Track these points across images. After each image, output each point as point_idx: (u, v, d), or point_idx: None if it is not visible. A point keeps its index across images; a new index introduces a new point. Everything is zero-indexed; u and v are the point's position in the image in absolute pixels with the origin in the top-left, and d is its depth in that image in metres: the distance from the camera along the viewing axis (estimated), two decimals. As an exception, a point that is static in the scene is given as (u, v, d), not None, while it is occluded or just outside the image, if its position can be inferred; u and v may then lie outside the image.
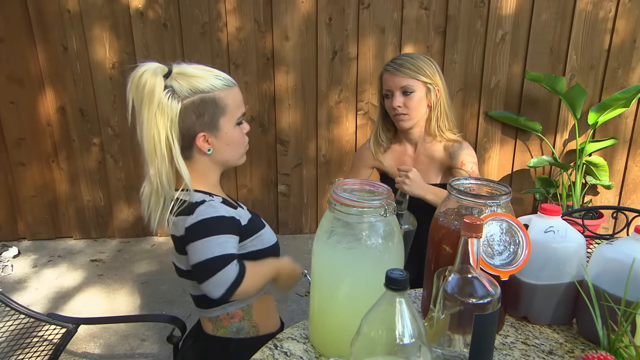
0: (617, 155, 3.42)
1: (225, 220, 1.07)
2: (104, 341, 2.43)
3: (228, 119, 1.10)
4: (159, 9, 3.10)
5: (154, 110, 1.03)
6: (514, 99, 3.35)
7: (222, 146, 1.12)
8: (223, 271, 1.04)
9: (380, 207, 0.90)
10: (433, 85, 1.56)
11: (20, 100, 3.19)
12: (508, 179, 3.51)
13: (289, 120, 3.38)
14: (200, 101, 1.06)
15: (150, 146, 1.06)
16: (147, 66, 1.05)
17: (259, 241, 1.16)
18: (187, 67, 1.08)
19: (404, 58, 1.56)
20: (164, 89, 1.04)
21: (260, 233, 1.17)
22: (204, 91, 1.06)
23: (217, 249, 1.04)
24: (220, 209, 1.08)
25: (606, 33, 3.19)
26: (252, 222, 1.17)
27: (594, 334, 0.94)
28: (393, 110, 1.57)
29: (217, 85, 1.07)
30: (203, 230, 1.05)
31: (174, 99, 1.04)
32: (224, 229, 1.06)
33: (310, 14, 3.16)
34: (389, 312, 0.69)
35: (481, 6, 3.16)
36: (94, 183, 3.42)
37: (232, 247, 1.07)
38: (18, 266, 3.16)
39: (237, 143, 1.14)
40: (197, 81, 1.06)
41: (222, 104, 1.08)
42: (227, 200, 1.15)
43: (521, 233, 0.97)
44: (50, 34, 3.09)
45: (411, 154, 1.67)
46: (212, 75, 1.08)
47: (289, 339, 1.04)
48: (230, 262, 1.05)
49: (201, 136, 1.09)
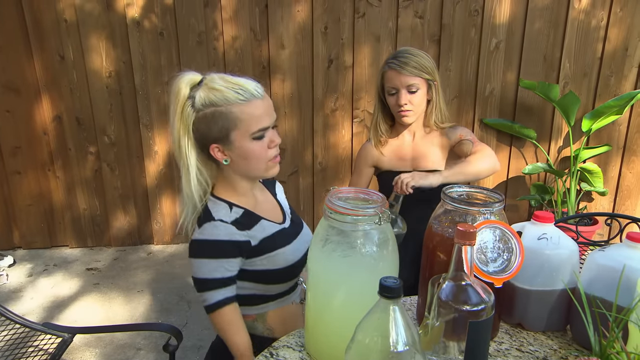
0: (611, 162, 3.44)
1: (221, 245, 1.10)
2: (100, 350, 2.42)
3: (241, 133, 1.10)
4: (155, 18, 3.12)
5: (178, 116, 1.10)
6: (509, 106, 3.37)
7: (238, 159, 1.13)
8: (208, 293, 1.12)
9: (375, 215, 0.91)
10: (433, 81, 1.62)
11: (16, 109, 3.20)
12: (503, 185, 3.53)
13: (285, 128, 3.39)
14: (212, 114, 1.08)
15: (175, 149, 1.14)
16: (184, 75, 1.11)
17: (270, 261, 1.17)
18: (215, 79, 1.10)
19: (407, 56, 1.60)
20: (187, 98, 1.09)
21: (275, 253, 1.17)
22: (217, 104, 1.08)
23: (206, 272, 1.11)
24: (222, 232, 1.10)
25: (599, 41, 3.22)
26: (271, 240, 1.17)
27: (587, 341, 0.94)
28: (398, 107, 1.62)
29: (231, 99, 1.08)
30: (199, 250, 1.11)
31: (191, 109, 1.09)
32: (218, 253, 1.10)
33: (306, 22, 3.19)
34: (383, 319, 0.69)
35: (475, 15, 3.19)
36: (90, 191, 3.42)
37: (223, 270, 1.11)
38: (13, 275, 3.14)
39: (254, 157, 1.13)
40: (213, 94, 1.08)
41: (233, 117, 1.09)
42: (243, 218, 1.15)
43: (514, 240, 0.98)
44: (47, 43, 3.10)
45: (409, 144, 1.70)
46: (232, 89, 1.08)
47: (284, 347, 1.04)
48: (215, 286, 1.11)
49: (214, 147, 1.12)
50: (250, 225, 1.15)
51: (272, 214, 1.25)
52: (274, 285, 1.22)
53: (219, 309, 1.12)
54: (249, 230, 1.14)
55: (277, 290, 1.24)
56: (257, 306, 1.24)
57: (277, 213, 1.28)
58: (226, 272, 1.11)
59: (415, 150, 1.69)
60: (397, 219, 1.41)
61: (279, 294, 1.25)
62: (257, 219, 1.18)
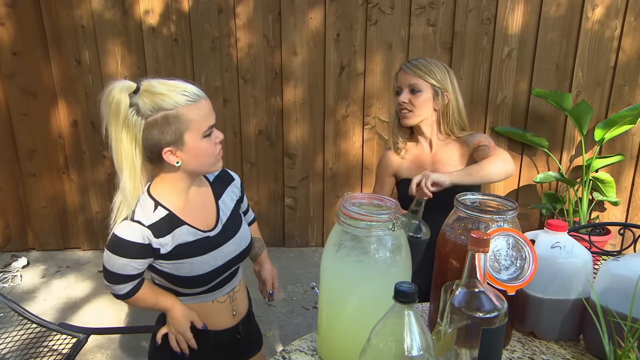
0: (624, 171, 3.42)
1: (132, 247, 1.13)
2: (111, 352, 2.44)
3: (193, 133, 1.12)
4: (170, 25, 3.17)
5: (120, 126, 1.09)
6: (520, 114, 3.36)
7: (190, 159, 1.15)
8: (117, 286, 1.19)
9: (389, 221, 0.91)
10: (442, 90, 1.61)
11: (33, 113, 3.25)
12: (514, 194, 3.51)
13: (297, 134, 3.41)
14: (163, 118, 1.09)
15: (118, 160, 1.12)
16: (116, 84, 1.09)
17: (176, 267, 1.19)
18: (154, 85, 1.10)
19: (420, 60, 1.63)
20: (129, 107, 1.08)
21: (183, 262, 1.18)
22: (167, 109, 1.09)
23: (116, 267, 1.16)
24: (136, 234, 1.13)
25: (612, 51, 3.21)
26: (185, 248, 1.18)
27: (600, 350, 0.94)
28: (399, 105, 1.63)
29: (181, 102, 1.09)
30: (112, 245, 1.14)
31: (138, 117, 1.08)
32: (129, 253, 1.14)
33: (319, 30, 3.22)
34: (398, 324, 0.70)
35: (487, 23, 3.20)
36: (103, 195, 3.46)
37: (131, 268, 1.16)
38: (27, 276, 3.18)
39: (205, 154, 1.16)
40: (160, 99, 1.08)
41: (185, 119, 1.10)
42: (163, 222, 1.16)
43: (528, 248, 0.98)
44: (64, 48, 3.16)
45: (428, 153, 1.70)
46: (177, 92, 1.10)
47: (296, 351, 1.05)
48: (124, 281, 1.18)
49: (167, 151, 1.12)
50: (167, 231, 1.16)
51: (200, 219, 1.23)
52: (179, 288, 1.24)
53: (130, 297, 1.21)
54: (163, 238, 1.15)
55: (185, 292, 1.25)
56: (172, 296, 1.26)
57: (208, 218, 1.26)
58: (134, 270, 1.17)
59: (435, 158, 1.68)
60: (421, 225, 1.41)
61: (191, 294, 1.26)
62: (177, 223, 1.18)
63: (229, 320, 1.34)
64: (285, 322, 2.69)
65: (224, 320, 1.33)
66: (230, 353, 1.39)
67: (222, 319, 1.33)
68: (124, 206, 1.15)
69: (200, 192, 1.26)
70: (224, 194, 1.32)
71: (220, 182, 1.33)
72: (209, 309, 1.29)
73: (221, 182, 1.33)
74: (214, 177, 1.32)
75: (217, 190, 1.31)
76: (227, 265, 1.26)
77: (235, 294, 1.35)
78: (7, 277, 3.13)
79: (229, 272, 1.30)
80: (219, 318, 1.32)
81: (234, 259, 1.28)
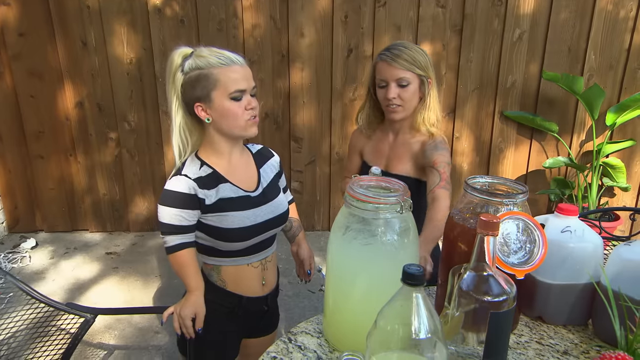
0: (635, 157, 3.37)
1: (181, 197, 1.25)
2: (119, 332, 2.47)
3: (220, 93, 1.24)
4: (176, 6, 3.13)
5: (170, 83, 1.27)
6: (530, 98, 3.31)
7: (218, 117, 1.26)
8: (169, 237, 1.29)
9: (397, 203, 0.90)
10: (426, 77, 1.53)
11: (40, 94, 3.25)
12: (523, 179, 3.48)
13: (303, 118, 3.39)
14: (197, 76, 1.24)
15: (171, 115, 1.29)
16: (178, 49, 1.28)
17: (220, 220, 1.28)
18: (202, 50, 1.27)
19: (400, 48, 1.53)
20: (179, 66, 1.26)
21: (226, 214, 1.28)
22: (201, 67, 1.23)
23: (167, 218, 1.26)
24: (183, 186, 1.25)
25: (626, 32, 3.14)
26: (227, 202, 1.29)
27: (610, 335, 0.93)
28: (387, 101, 1.54)
29: (213, 63, 1.23)
30: (163, 198, 1.26)
31: (181, 74, 1.25)
32: (177, 203, 1.25)
33: (327, 11, 3.17)
34: (406, 307, 0.69)
35: (498, 5, 3.13)
36: (110, 177, 3.47)
37: (181, 219, 1.26)
38: (36, 257, 3.22)
39: (232, 116, 1.25)
40: (199, 60, 1.24)
41: (213, 79, 1.23)
42: (207, 178, 1.28)
43: (538, 232, 0.97)
44: (69, 29, 3.14)
45: (390, 142, 1.64)
46: (214, 55, 1.24)
47: (303, 333, 1.05)
48: (174, 232, 1.27)
49: (198, 106, 1.26)
50: (211, 186, 1.28)
51: (242, 180, 1.35)
52: (222, 242, 1.32)
53: (175, 252, 1.28)
54: (208, 190, 1.27)
55: (228, 247, 1.33)
56: (213, 258, 1.36)
57: (249, 181, 1.37)
58: (184, 220, 1.26)
59: (393, 151, 1.62)
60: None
61: (231, 252, 1.34)
62: (221, 180, 1.30)
63: (259, 289, 1.42)
64: (291, 306, 2.71)
65: (255, 287, 1.41)
66: (255, 326, 1.47)
67: (253, 285, 1.40)
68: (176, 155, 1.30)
69: (243, 158, 1.39)
70: (264, 165, 1.44)
71: (261, 155, 1.46)
72: (244, 272, 1.37)
73: (262, 156, 1.46)
74: (255, 150, 1.45)
75: (259, 161, 1.43)
76: (265, 225, 1.35)
77: (267, 263, 1.43)
78: (16, 257, 3.17)
79: (265, 237, 1.37)
80: (250, 285, 1.40)
81: (272, 220, 1.36)
